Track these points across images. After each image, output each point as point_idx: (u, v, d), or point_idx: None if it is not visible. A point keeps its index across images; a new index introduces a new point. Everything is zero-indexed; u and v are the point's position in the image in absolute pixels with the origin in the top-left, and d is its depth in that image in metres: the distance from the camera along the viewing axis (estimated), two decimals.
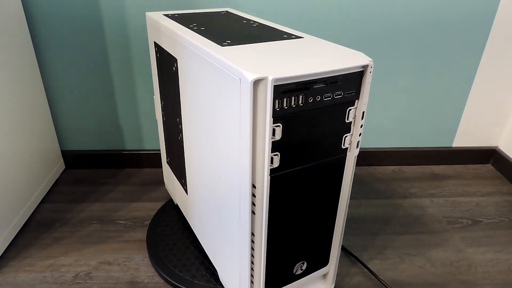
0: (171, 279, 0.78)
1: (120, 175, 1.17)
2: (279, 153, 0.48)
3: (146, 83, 1.08)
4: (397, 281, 0.81)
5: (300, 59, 0.47)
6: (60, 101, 1.10)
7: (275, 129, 0.46)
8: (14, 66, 0.90)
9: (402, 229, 0.96)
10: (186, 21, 0.71)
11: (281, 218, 0.55)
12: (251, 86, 0.42)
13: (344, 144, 0.54)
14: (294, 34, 0.62)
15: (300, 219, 0.58)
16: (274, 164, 0.49)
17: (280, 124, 0.46)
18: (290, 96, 0.45)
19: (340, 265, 0.84)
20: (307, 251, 0.62)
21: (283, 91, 0.44)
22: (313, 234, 0.61)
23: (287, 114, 0.46)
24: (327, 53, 0.52)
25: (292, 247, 0.60)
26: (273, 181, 0.50)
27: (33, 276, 0.80)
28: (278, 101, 0.44)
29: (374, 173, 1.19)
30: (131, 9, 0.98)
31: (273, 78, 0.42)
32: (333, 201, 0.60)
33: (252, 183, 0.49)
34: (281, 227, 0.56)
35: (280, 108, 0.45)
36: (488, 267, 0.85)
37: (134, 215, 0.99)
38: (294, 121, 0.47)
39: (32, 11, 0.97)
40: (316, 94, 0.47)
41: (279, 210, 0.54)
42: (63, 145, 1.17)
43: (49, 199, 1.05)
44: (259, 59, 0.48)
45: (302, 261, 0.62)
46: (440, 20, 1.03)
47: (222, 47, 0.53)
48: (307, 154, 0.52)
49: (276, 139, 0.47)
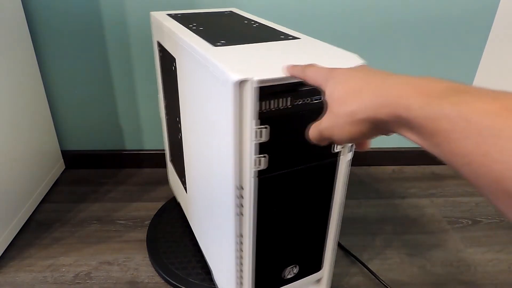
0: (171, 279, 0.78)
1: (120, 175, 1.17)
2: (267, 155, 0.48)
3: (146, 83, 1.08)
4: (397, 281, 0.81)
5: (290, 60, 0.46)
6: (60, 101, 1.10)
7: (262, 131, 0.45)
8: (14, 66, 0.90)
9: (402, 229, 0.96)
10: (187, 21, 0.71)
11: (271, 221, 0.54)
12: (235, 86, 0.42)
13: (335, 148, 0.53)
14: (292, 35, 0.61)
15: (291, 222, 0.57)
16: (262, 166, 0.48)
17: (268, 126, 0.45)
18: (277, 98, 0.44)
19: (340, 265, 0.84)
20: (298, 255, 0.61)
21: (269, 93, 0.43)
22: (305, 238, 0.60)
23: (274, 116, 0.45)
24: (320, 54, 0.51)
25: (282, 250, 0.59)
26: (261, 183, 0.49)
27: (33, 276, 0.80)
28: (265, 103, 0.44)
29: (374, 173, 1.19)
30: (131, 8, 0.98)
31: (257, 79, 0.41)
32: (325, 205, 0.59)
33: (239, 184, 0.49)
34: (270, 230, 0.55)
35: (267, 110, 0.44)
36: (488, 267, 0.85)
37: (134, 215, 0.99)
38: (282, 123, 0.46)
39: (32, 11, 0.97)
40: (304, 96, 0.46)
41: (268, 212, 0.53)
42: (63, 145, 1.17)
43: (49, 199, 1.05)
44: (248, 60, 0.48)
45: (293, 265, 0.61)
46: (440, 20, 1.03)
47: (214, 47, 0.53)
48: (297, 157, 0.51)
49: (264, 141, 0.46)
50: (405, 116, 0.26)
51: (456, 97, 0.23)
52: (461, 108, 0.22)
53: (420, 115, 0.25)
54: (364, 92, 0.30)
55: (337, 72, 0.35)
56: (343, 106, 0.31)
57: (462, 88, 0.24)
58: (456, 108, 0.22)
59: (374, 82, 0.30)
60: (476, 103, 0.22)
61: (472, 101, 0.22)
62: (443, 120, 0.23)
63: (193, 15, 0.78)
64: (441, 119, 0.23)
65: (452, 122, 0.22)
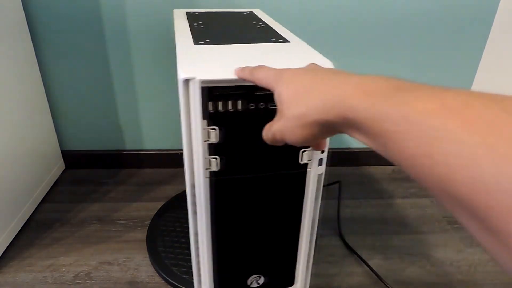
0: (171, 279, 0.78)
1: (120, 175, 1.17)
2: (218, 157, 0.47)
3: (146, 83, 1.08)
4: (397, 281, 0.81)
5: (254, 63, 0.42)
6: (60, 101, 1.10)
7: (210, 132, 0.45)
8: (14, 66, 0.90)
9: (402, 229, 0.96)
10: (196, 19, 0.71)
11: (228, 224, 0.53)
12: (183, 85, 0.42)
13: (301, 160, 0.51)
14: (285, 38, 0.59)
15: (253, 229, 0.55)
16: (213, 167, 0.47)
17: (217, 127, 0.45)
18: (226, 100, 0.43)
19: (340, 265, 0.84)
20: (264, 265, 0.59)
21: (218, 94, 0.43)
22: (270, 249, 0.58)
23: (224, 118, 0.44)
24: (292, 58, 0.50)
25: (244, 256, 0.57)
26: (215, 185, 0.49)
27: (33, 276, 0.80)
28: (213, 104, 0.43)
29: (374, 173, 1.19)
30: (132, 8, 0.98)
31: (200, 79, 0.41)
32: (294, 218, 0.56)
33: (192, 183, 0.49)
34: (228, 233, 0.54)
35: (215, 111, 0.44)
36: (488, 267, 0.85)
37: (134, 215, 0.99)
38: (234, 126, 0.45)
39: (32, 11, 0.97)
40: (259, 101, 0.44)
41: (225, 215, 0.52)
42: (63, 145, 1.17)
43: (49, 199, 1.05)
44: (211, 60, 0.47)
45: (258, 275, 0.60)
46: (440, 20, 1.03)
47: (194, 45, 0.52)
48: (257, 163, 0.49)
49: (214, 142, 0.46)
50: (351, 117, 0.25)
51: (400, 97, 0.22)
52: (403, 108, 0.22)
53: (366, 116, 0.24)
54: (312, 93, 0.29)
55: (286, 73, 0.34)
56: (291, 109, 0.30)
57: (405, 87, 0.24)
58: (398, 108, 0.22)
59: (321, 82, 0.29)
60: (417, 103, 0.21)
61: (414, 100, 0.21)
62: (387, 121, 0.22)
63: (209, 14, 0.77)
64: (385, 120, 0.23)
65: (395, 123, 0.22)
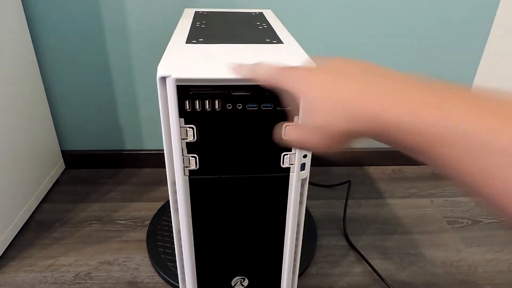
0: (171, 279, 0.78)
1: (120, 175, 1.17)
2: (197, 155, 0.47)
3: (146, 83, 1.08)
4: (397, 281, 0.81)
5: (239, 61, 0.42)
6: (60, 101, 1.10)
7: (188, 130, 0.45)
8: (14, 66, 0.90)
9: (402, 229, 0.96)
10: (201, 19, 0.71)
11: (209, 223, 0.53)
12: (160, 82, 0.42)
13: (283, 163, 0.50)
14: (280, 40, 0.57)
15: (233, 230, 0.55)
16: (191, 166, 0.48)
17: (194, 126, 0.45)
18: (203, 99, 0.43)
19: (340, 265, 0.84)
20: (247, 267, 0.59)
21: (194, 93, 0.43)
22: (253, 251, 0.57)
23: (201, 117, 0.44)
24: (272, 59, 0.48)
25: (225, 257, 0.57)
26: (194, 183, 0.49)
27: (33, 276, 0.80)
28: (189, 102, 0.43)
29: (374, 173, 1.19)
30: (132, 8, 0.98)
31: (175, 78, 0.41)
32: (277, 222, 0.55)
33: (172, 180, 0.49)
34: (209, 233, 0.54)
35: (192, 110, 0.44)
36: (488, 267, 0.85)
37: (134, 215, 0.99)
38: (211, 126, 0.45)
39: (32, 11, 0.97)
40: (236, 102, 0.44)
41: (205, 214, 0.52)
42: (63, 145, 1.17)
43: (49, 199, 1.05)
44: (193, 59, 0.47)
45: (241, 276, 0.60)
46: (440, 20, 1.03)
47: (185, 44, 0.52)
48: (237, 164, 0.49)
49: (191, 141, 0.46)
50: (391, 130, 0.24)
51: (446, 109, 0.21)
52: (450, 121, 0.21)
53: (407, 130, 0.23)
54: (342, 103, 0.26)
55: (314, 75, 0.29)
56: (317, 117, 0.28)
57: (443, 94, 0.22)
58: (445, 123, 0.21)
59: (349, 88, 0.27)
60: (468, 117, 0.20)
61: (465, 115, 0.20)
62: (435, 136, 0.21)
63: (217, 14, 0.77)
64: (432, 135, 0.21)
65: (443, 138, 0.21)
